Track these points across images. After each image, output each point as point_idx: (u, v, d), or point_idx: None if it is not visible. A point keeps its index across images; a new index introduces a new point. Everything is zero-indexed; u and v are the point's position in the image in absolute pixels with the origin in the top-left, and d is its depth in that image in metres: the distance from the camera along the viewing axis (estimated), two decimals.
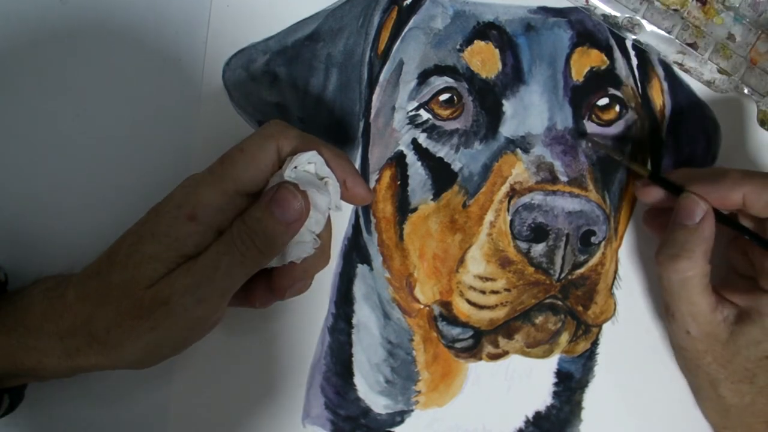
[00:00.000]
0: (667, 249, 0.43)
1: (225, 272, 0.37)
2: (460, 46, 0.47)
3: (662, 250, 0.44)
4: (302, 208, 0.38)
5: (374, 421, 0.49)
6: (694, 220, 0.43)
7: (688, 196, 0.44)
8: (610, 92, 0.48)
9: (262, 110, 0.46)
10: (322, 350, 0.48)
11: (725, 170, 0.44)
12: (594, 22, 0.48)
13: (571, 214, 0.45)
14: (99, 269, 0.39)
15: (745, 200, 0.43)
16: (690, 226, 0.43)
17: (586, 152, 0.47)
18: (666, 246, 0.44)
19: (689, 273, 0.43)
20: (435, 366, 0.49)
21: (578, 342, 0.49)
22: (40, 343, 0.38)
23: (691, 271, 0.43)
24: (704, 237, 0.43)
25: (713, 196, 0.43)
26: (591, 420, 0.50)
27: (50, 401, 0.45)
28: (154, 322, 0.37)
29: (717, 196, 0.43)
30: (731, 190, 0.43)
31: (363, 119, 0.47)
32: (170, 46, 0.45)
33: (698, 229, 0.43)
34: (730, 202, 0.43)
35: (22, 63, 0.45)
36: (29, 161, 0.45)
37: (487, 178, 0.46)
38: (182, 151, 0.46)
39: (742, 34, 0.48)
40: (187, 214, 0.37)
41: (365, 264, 0.48)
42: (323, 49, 0.46)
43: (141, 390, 0.46)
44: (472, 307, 0.46)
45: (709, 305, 0.43)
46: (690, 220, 0.43)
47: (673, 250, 0.43)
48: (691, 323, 0.44)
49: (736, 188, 0.43)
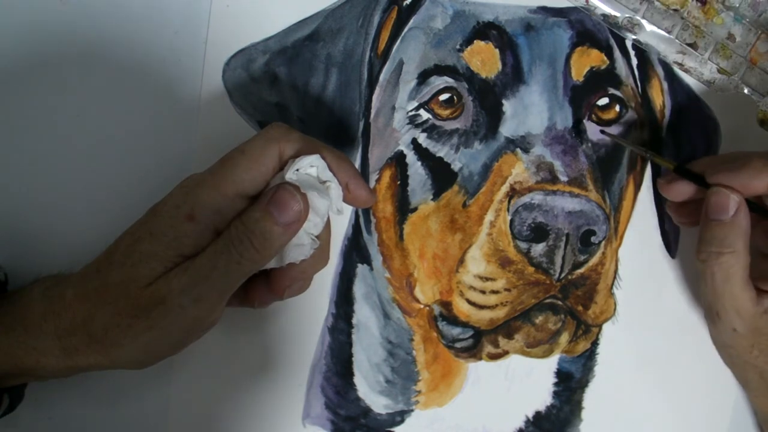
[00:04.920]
0: (708, 247, 0.43)
1: (222, 272, 0.37)
2: (460, 46, 0.47)
3: (703, 248, 0.43)
4: (301, 210, 0.38)
5: (374, 421, 0.49)
6: (728, 214, 0.42)
7: (718, 191, 0.43)
8: (610, 92, 0.48)
9: (262, 110, 0.46)
10: (322, 350, 0.48)
11: (748, 157, 0.43)
12: (594, 22, 0.48)
13: (571, 213, 0.45)
14: (97, 268, 0.39)
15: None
16: (726, 221, 0.42)
17: (586, 152, 0.47)
18: (706, 244, 0.43)
19: (733, 268, 0.42)
20: (435, 366, 0.49)
21: (578, 342, 0.49)
22: (39, 342, 0.38)
23: (734, 265, 0.42)
24: (742, 229, 0.42)
25: (737, 184, 0.43)
26: (591, 420, 0.50)
27: (50, 401, 0.45)
28: (152, 321, 0.37)
29: (741, 184, 0.43)
30: (755, 177, 0.42)
31: (363, 119, 0.47)
32: (170, 47, 0.45)
33: (734, 222, 0.42)
34: (754, 189, 0.43)
35: (22, 63, 0.45)
36: (29, 161, 0.45)
37: (487, 177, 0.46)
38: (182, 151, 0.46)
39: (742, 34, 0.48)
40: (185, 215, 0.37)
41: (365, 264, 0.48)
42: (323, 49, 0.46)
43: (141, 390, 0.46)
44: (472, 307, 0.46)
45: (751, 299, 0.43)
46: (725, 215, 0.42)
47: (714, 248, 0.42)
48: (737, 320, 0.43)
49: (761, 175, 0.42)
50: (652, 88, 0.49)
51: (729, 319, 0.43)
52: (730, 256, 0.42)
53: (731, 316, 0.43)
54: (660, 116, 0.50)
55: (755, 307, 0.43)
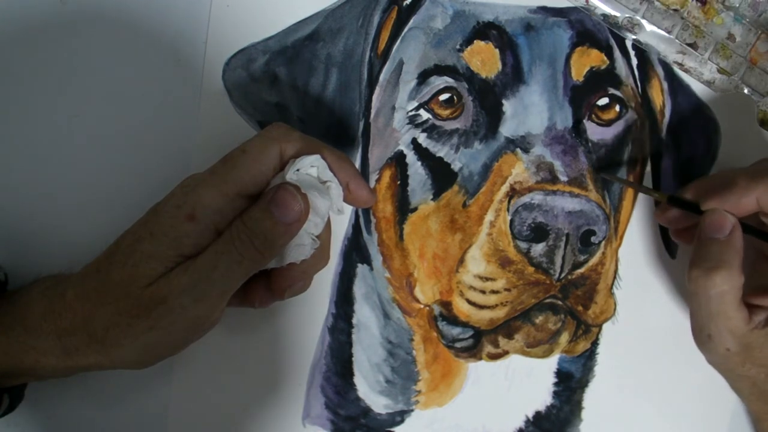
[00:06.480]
0: (703, 263, 0.43)
1: (223, 272, 0.37)
2: (460, 46, 0.47)
3: (697, 265, 0.43)
4: (302, 210, 0.38)
5: (374, 420, 0.49)
6: (724, 233, 0.43)
7: (715, 211, 0.43)
8: (610, 92, 0.48)
9: (262, 110, 0.46)
10: (322, 350, 0.48)
11: (733, 176, 0.44)
12: (594, 22, 0.48)
13: (571, 213, 0.45)
14: (98, 268, 0.39)
15: (759, 202, 0.43)
16: (722, 239, 0.43)
17: (585, 152, 0.47)
18: (700, 261, 0.43)
19: (726, 286, 0.42)
20: (435, 366, 0.49)
21: (578, 342, 0.49)
22: (39, 342, 0.38)
23: (728, 283, 0.42)
24: (737, 248, 0.42)
25: (727, 205, 0.43)
26: (591, 420, 0.50)
27: (50, 401, 0.45)
28: (153, 321, 0.37)
29: (731, 206, 0.43)
30: (743, 196, 0.43)
31: (363, 119, 0.47)
32: (170, 46, 0.45)
33: (730, 240, 0.43)
34: (745, 208, 0.43)
35: (22, 63, 0.45)
36: (29, 161, 0.45)
37: (487, 177, 0.46)
38: (182, 151, 0.46)
39: (742, 34, 0.48)
40: (186, 214, 0.37)
41: (365, 264, 0.48)
42: (323, 49, 0.46)
43: (141, 390, 0.46)
44: (472, 307, 0.46)
45: (744, 318, 0.43)
46: (721, 234, 0.43)
47: (708, 264, 0.42)
48: (730, 339, 0.43)
49: (748, 193, 0.43)
50: (652, 88, 0.49)
51: (722, 340, 0.43)
52: (725, 272, 0.42)
53: (724, 336, 0.43)
54: (660, 116, 0.50)
55: (747, 325, 0.43)
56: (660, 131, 0.50)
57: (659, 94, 0.50)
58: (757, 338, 0.43)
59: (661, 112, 0.50)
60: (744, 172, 0.44)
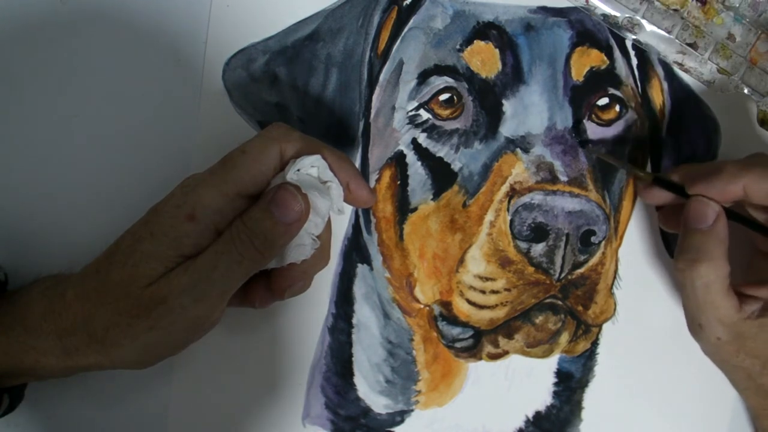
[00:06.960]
0: (686, 255, 0.43)
1: (223, 272, 0.37)
2: (460, 46, 0.47)
3: (681, 257, 0.43)
4: (302, 210, 0.38)
5: (374, 420, 0.49)
6: (707, 222, 0.43)
7: (698, 199, 0.43)
8: (610, 92, 0.48)
9: (262, 110, 0.46)
10: (322, 350, 0.48)
11: (722, 164, 0.44)
12: (594, 22, 0.48)
13: (571, 213, 0.45)
14: (98, 268, 0.39)
15: (746, 191, 0.43)
16: (704, 230, 0.43)
17: (585, 152, 0.47)
18: (684, 252, 0.43)
19: (712, 276, 0.42)
20: (435, 366, 0.49)
21: (578, 342, 0.49)
22: (39, 342, 0.38)
23: (713, 274, 0.42)
24: (720, 238, 0.42)
25: (713, 191, 0.43)
26: (591, 420, 0.50)
27: (50, 401, 0.45)
28: (153, 321, 0.37)
29: (717, 191, 0.43)
30: (730, 183, 0.43)
31: (363, 119, 0.47)
32: (170, 46, 0.46)
33: (713, 230, 0.43)
34: (730, 195, 0.43)
35: (22, 63, 0.45)
36: (29, 161, 0.45)
37: (487, 177, 0.46)
38: (182, 151, 0.46)
39: (742, 34, 0.48)
40: (186, 215, 0.37)
41: (365, 264, 0.48)
42: (323, 49, 0.46)
43: (141, 390, 0.46)
44: (472, 307, 0.46)
45: (733, 307, 0.43)
46: (704, 224, 0.43)
47: (692, 255, 0.43)
48: (720, 329, 0.43)
49: (735, 180, 0.43)
50: (652, 88, 0.49)
51: (712, 330, 0.44)
52: (708, 263, 0.42)
53: (714, 325, 0.43)
54: (660, 116, 0.50)
55: (738, 314, 0.43)
56: (660, 131, 0.50)
57: (659, 94, 0.50)
58: (749, 328, 0.43)
59: (661, 112, 0.50)
60: (735, 161, 0.44)
